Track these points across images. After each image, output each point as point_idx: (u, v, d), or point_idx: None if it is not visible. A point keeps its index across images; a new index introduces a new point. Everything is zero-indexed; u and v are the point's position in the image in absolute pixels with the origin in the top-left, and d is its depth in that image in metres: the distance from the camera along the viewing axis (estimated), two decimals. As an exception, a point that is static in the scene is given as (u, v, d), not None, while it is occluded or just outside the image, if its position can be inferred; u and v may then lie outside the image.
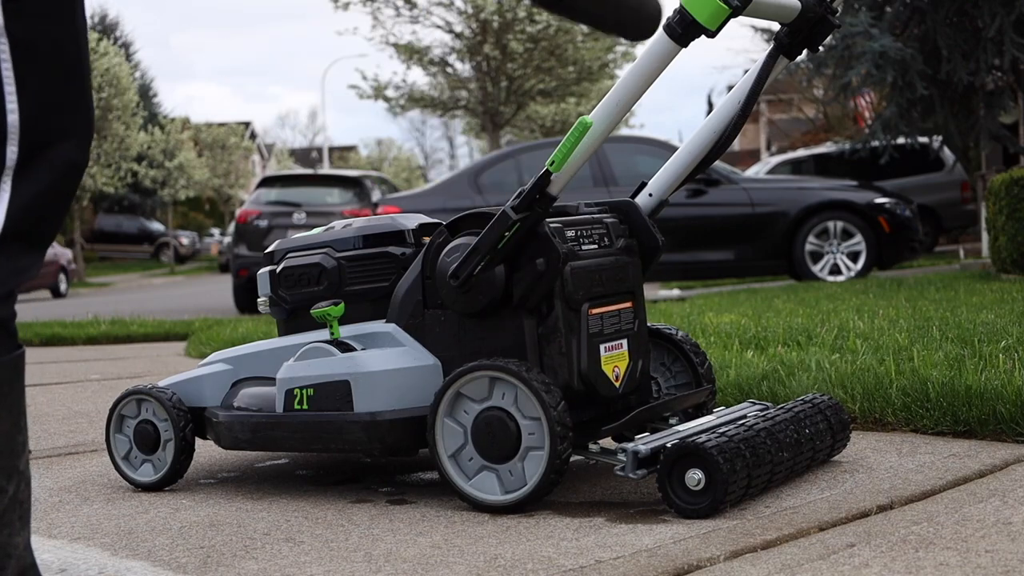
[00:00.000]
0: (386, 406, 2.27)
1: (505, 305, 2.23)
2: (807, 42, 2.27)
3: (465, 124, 30.94)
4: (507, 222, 2.16)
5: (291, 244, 2.62)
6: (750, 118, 2.40)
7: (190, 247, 39.37)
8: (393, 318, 2.37)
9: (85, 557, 2.01)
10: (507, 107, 24.38)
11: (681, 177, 2.46)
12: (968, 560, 1.70)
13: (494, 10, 22.43)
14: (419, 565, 1.86)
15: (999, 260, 7.61)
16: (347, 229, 2.56)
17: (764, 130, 36.75)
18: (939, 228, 14.25)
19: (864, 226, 9.42)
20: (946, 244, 15.96)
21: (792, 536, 1.91)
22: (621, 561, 1.81)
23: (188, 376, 2.63)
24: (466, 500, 2.20)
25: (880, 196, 9.68)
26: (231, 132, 40.70)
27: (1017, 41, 9.50)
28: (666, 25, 2.06)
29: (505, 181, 9.93)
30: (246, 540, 2.08)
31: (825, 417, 2.40)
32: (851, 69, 10.24)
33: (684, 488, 2.06)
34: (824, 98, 20.39)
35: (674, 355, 2.64)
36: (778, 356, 3.51)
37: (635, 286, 2.42)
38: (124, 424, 2.61)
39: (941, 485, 2.20)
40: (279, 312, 2.63)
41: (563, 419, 2.09)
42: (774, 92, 28.39)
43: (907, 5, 10.20)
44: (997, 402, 2.59)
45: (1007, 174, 7.49)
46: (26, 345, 7.49)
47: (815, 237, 9.49)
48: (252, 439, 2.44)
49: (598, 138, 2.12)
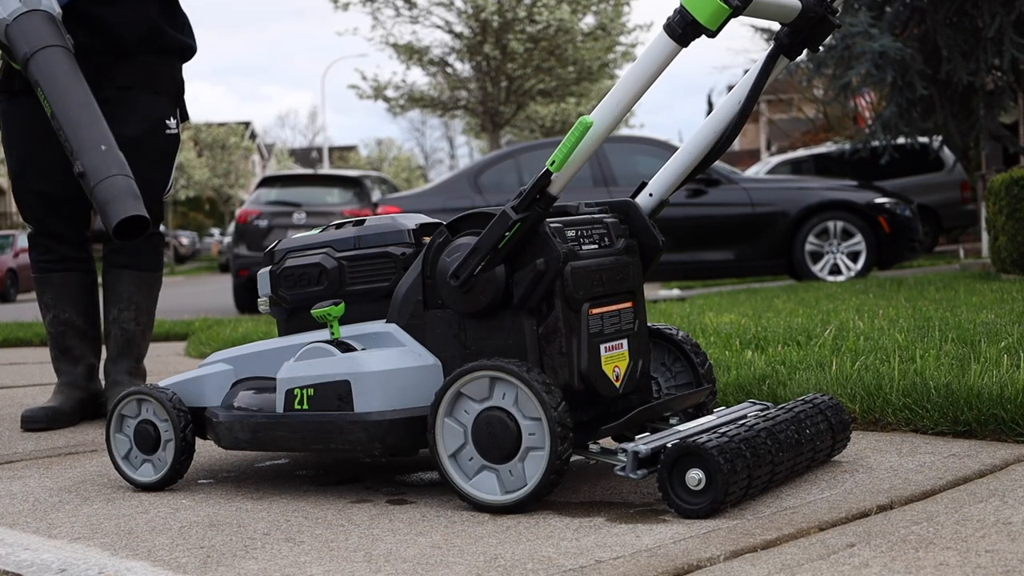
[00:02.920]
0: (386, 406, 2.27)
1: (505, 305, 2.23)
2: (807, 42, 2.27)
3: (465, 124, 30.96)
4: (507, 222, 2.17)
5: (291, 244, 2.63)
6: (750, 118, 2.40)
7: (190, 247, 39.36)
8: (393, 318, 2.37)
9: (85, 557, 2.01)
10: (507, 107, 24.38)
11: (681, 177, 2.46)
12: (968, 560, 1.70)
13: (494, 10, 22.42)
14: (419, 565, 1.86)
15: (999, 260, 7.61)
16: (347, 229, 2.56)
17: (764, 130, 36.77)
18: (939, 228, 14.26)
19: (864, 226, 9.43)
20: (946, 244, 15.97)
21: (792, 536, 1.91)
22: (621, 561, 1.81)
23: (188, 376, 2.63)
24: (466, 500, 2.20)
25: (880, 196, 9.69)
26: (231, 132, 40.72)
27: (1017, 41, 9.50)
28: (666, 25, 2.07)
29: (505, 181, 9.94)
30: (246, 540, 2.08)
31: (825, 417, 2.40)
32: (851, 69, 10.25)
33: (684, 488, 2.06)
34: (824, 98, 20.40)
35: (674, 355, 2.64)
36: (778, 356, 3.51)
37: (635, 286, 2.42)
38: (124, 424, 2.61)
39: (941, 485, 2.20)
40: (279, 312, 2.63)
41: (563, 419, 2.09)
42: (774, 92, 28.41)
43: (907, 5, 10.20)
44: (997, 402, 2.59)
45: (1007, 174, 7.49)
46: (26, 345, 7.43)
47: (815, 237, 9.50)
48: (252, 439, 2.44)
49: (598, 138, 2.12)
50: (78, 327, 3.65)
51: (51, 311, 3.63)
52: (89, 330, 3.69)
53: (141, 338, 3.65)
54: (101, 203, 2.93)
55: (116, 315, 3.60)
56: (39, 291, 3.67)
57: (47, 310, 3.65)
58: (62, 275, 3.63)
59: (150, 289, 3.66)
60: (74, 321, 3.64)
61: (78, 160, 2.99)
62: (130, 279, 3.61)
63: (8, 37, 3.19)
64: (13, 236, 23.75)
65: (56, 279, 3.63)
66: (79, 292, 3.66)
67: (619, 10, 23.94)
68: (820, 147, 17.72)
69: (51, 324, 3.65)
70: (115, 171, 2.97)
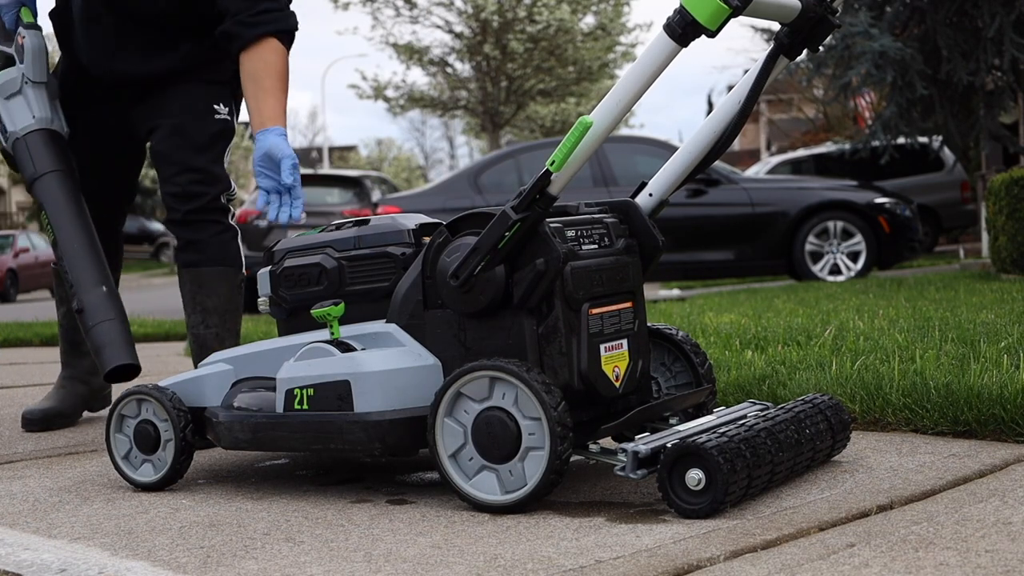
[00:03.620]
0: (386, 406, 2.27)
1: (505, 305, 2.23)
2: (807, 42, 2.26)
3: (465, 124, 30.96)
4: (507, 222, 2.17)
5: (292, 244, 2.62)
6: (750, 118, 2.40)
7: (190, 247, 39.27)
8: (393, 318, 2.37)
9: (85, 557, 2.01)
10: (507, 107, 24.39)
11: (681, 177, 2.46)
12: (968, 560, 1.70)
13: (494, 10, 22.43)
14: (419, 565, 1.86)
15: (999, 260, 7.61)
16: (347, 230, 2.56)
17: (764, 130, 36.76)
18: (939, 228, 14.26)
19: (864, 226, 9.43)
20: (946, 244, 15.97)
21: (792, 536, 1.91)
22: (621, 561, 1.81)
23: (188, 376, 2.63)
24: (466, 500, 2.20)
25: (880, 196, 9.69)
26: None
27: (1017, 41, 9.50)
28: (666, 25, 2.06)
29: (505, 181, 9.94)
30: (246, 540, 2.08)
31: (825, 417, 2.40)
32: (851, 69, 10.24)
33: (684, 488, 2.06)
34: (824, 98, 20.39)
35: (674, 355, 2.64)
36: (778, 356, 3.51)
37: (635, 286, 2.42)
38: (124, 424, 2.61)
39: (941, 485, 2.20)
40: (279, 312, 2.63)
41: (563, 419, 2.09)
42: (774, 92, 28.40)
43: (907, 5, 10.20)
44: (997, 402, 2.59)
45: (1007, 174, 7.49)
46: (26, 345, 7.42)
47: (815, 237, 9.50)
48: (252, 439, 2.44)
49: (598, 138, 2.12)
50: None
51: (65, 304, 3.56)
52: None
53: (216, 343, 3.23)
54: (97, 345, 2.97)
55: (187, 320, 3.31)
56: (56, 283, 3.59)
57: (62, 303, 3.58)
58: None
59: (216, 287, 3.27)
60: None
61: (77, 297, 3.03)
62: (191, 278, 3.28)
63: (16, 151, 3.22)
64: (13, 236, 23.75)
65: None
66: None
67: (619, 10, 23.95)
68: (820, 147, 17.71)
69: (64, 317, 3.58)
70: (113, 315, 3.01)
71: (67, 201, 3.16)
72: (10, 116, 3.24)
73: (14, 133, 3.23)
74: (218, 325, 3.28)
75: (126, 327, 3.03)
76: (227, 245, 3.32)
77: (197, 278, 3.28)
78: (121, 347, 2.96)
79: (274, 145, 2.95)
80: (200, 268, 3.28)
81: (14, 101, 3.25)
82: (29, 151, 3.20)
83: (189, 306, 3.30)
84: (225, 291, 3.29)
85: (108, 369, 2.93)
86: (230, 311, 3.31)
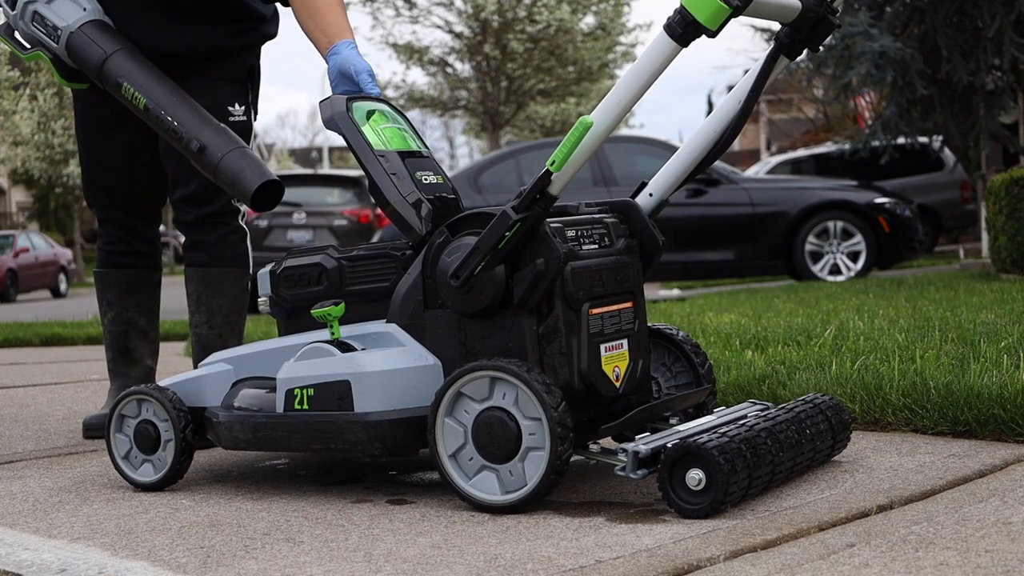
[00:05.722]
0: (386, 406, 2.27)
1: (505, 305, 2.23)
2: (807, 42, 2.26)
3: (465, 124, 30.93)
4: (507, 222, 2.17)
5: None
6: (750, 118, 2.40)
7: (190, 247, 39.25)
8: (393, 318, 2.37)
9: (85, 557, 2.01)
10: (507, 107, 24.39)
11: (681, 177, 2.46)
12: (968, 560, 1.70)
13: (494, 10, 22.42)
14: (419, 565, 1.86)
15: (999, 260, 7.61)
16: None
17: (764, 130, 36.77)
18: (939, 228, 14.26)
19: (864, 226, 9.43)
20: (946, 244, 15.97)
21: (792, 536, 1.91)
22: (621, 561, 1.81)
23: (188, 376, 2.63)
24: (466, 500, 2.20)
25: (880, 196, 9.69)
26: (231, 132, 40.63)
27: (1017, 41, 9.50)
28: (666, 25, 2.07)
29: (505, 181, 9.95)
30: (246, 540, 2.08)
31: (825, 417, 2.40)
32: (851, 69, 10.25)
33: (684, 488, 2.06)
34: (824, 98, 20.40)
35: (674, 355, 2.64)
36: (778, 356, 3.51)
37: (635, 286, 2.42)
38: (124, 424, 2.61)
39: (941, 485, 2.20)
40: (279, 312, 2.63)
41: (564, 419, 2.09)
42: (774, 92, 28.42)
43: (907, 5, 10.20)
44: (997, 402, 2.59)
45: (1007, 174, 7.49)
46: (26, 345, 7.44)
47: (815, 237, 9.50)
48: (252, 439, 2.44)
49: (598, 138, 2.12)
50: (140, 327, 3.45)
51: (113, 308, 3.43)
52: (150, 331, 3.49)
53: (219, 344, 3.21)
54: (232, 173, 2.87)
55: (190, 319, 3.31)
56: (101, 287, 3.47)
57: (109, 307, 3.44)
58: (130, 272, 3.44)
59: (221, 287, 3.27)
60: (137, 321, 3.44)
61: (193, 138, 2.92)
62: (198, 278, 3.27)
63: (74, 43, 3.16)
64: (13, 236, 23.74)
65: (124, 275, 3.44)
66: (145, 290, 3.46)
67: (619, 10, 23.95)
68: (820, 147, 17.73)
69: (112, 323, 3.45)
70: (236, 144, 2.93)
71: (145, 67, 3.09)
72: (57, 14, 3.15)
73: (67, 27, 3.13)
74: (222, 326, 3.28)
75: (255, 153, 2.94)
76: (236, 246, 3.32)
77: (204, 278, 3.28)
78: (258, 168, 2.88)
79: (346, 59, 2.82)
80: (208, 269, 3.28)
81: (57, 2, 3.18)
82: (90, 38, 3.11)
83: (193, 305, 3.29)
84: (232, 292, 3.30)
85: (252, 191, 2.84)
86: (236, 312, 3.32)
